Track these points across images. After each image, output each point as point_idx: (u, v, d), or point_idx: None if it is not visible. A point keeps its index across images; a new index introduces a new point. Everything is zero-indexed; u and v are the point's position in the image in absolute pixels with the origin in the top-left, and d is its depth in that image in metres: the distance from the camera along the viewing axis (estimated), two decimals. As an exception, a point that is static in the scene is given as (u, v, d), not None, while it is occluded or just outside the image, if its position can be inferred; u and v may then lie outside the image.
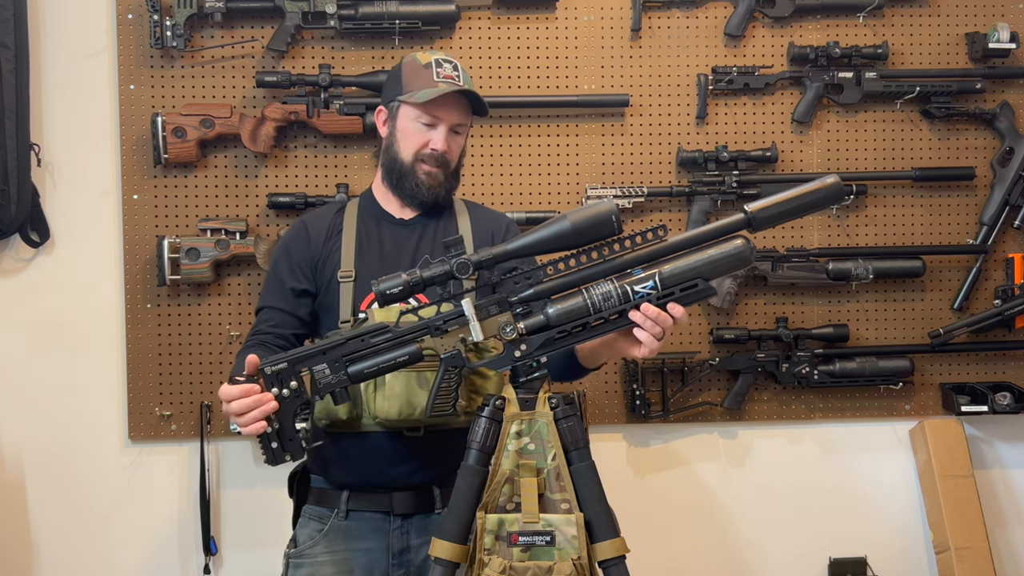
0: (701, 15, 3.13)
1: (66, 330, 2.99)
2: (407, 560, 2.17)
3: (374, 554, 2.16)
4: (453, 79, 2.20)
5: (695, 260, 1.81)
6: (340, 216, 2.27)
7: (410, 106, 2.20)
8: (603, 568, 1.81)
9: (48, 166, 2.96)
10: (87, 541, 3.01)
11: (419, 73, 2.20)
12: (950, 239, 3.22)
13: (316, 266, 2.22)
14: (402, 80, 2.22)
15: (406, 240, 2.24)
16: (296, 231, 2.29)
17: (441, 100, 2.18)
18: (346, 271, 2.17)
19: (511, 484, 1.81)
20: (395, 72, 2.26)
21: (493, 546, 1.79)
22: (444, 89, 2.17)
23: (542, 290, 1.84)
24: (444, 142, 2.21)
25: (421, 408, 2.08)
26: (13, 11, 2.84)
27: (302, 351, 1.85)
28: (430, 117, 2.20)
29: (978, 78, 3.15)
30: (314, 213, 2.36)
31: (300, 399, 1.84)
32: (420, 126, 2.21)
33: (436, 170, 2.22)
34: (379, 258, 2.20)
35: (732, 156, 3.07)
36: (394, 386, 2.05)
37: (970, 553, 3.06)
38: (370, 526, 2.17)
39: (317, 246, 2.23)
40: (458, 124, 2.24)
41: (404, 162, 2.22)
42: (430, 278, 1.81)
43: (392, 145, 2.25)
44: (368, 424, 2.10)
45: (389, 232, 2.25)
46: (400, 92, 2.21)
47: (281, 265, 2.25)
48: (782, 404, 3.18)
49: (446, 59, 2.23)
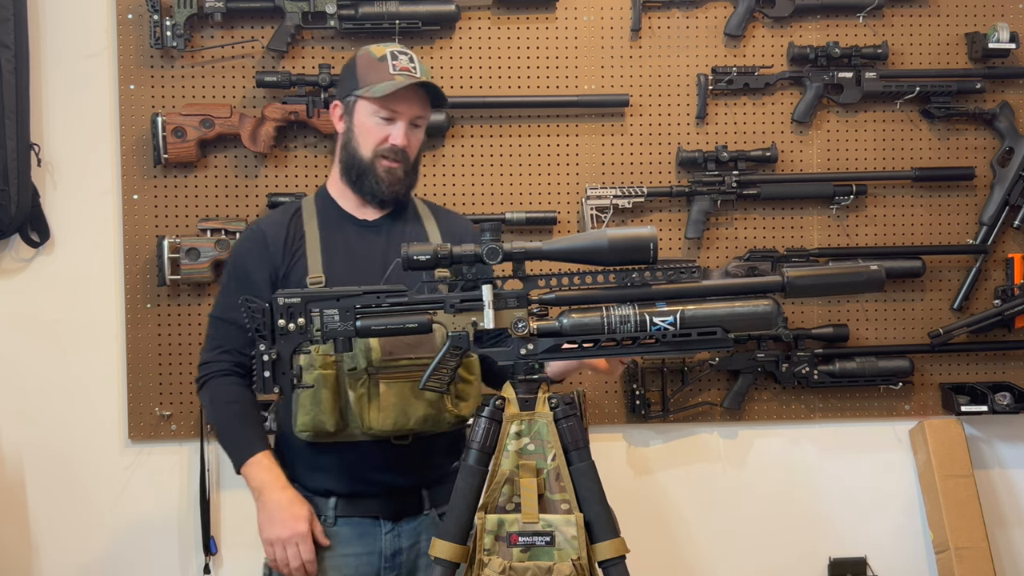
0: (701, 15, 3.13)
1: (66, 330, 2.98)
2: (399, 562, 2.17)
3: (365, 558, 2.15)
4: (410, 71, 2.14)
5: (720, 309, 1.81)
6: (298, 219, 2.21)
7: (368, 101, 2.14)
8: (603, 568, 1.81)
9: (48, 166, 2.96)
10: (87, 541, 3.01)
11: (375, 66, 2.14)
12: (950, 239, 3.22)
13: (279, 274, 2.15)
14: (357, 74, 2.16)
15: (374, 243, 2.19)
16: (253, 239, 2.21)
17: (400, 93, 2.12)
18: (315, 276, 2.11)
19: (511, 484, 1.81)
20: (349, 66, 2.20)
21: (493, 546, 1.79)
22: (402, 82, 2.12)
23: (564, 298, 1.83)
24: (404, 136, 2.16)
25: (416, 418, 2.08)
26: (13, 11, 2.84)
27: (317, 292, 1.85)
28: (388, 111, 2.14)
29: (978, 78, 3.15)
30: (268, 219, 2.28)
31: (304, 336, 1.83)
32: (378, 121, 2.15)
33: (396, 165, 2.16)
34: (349, 262, 2.15)
35: (732, 156, 3.07)
36: (388, 396, 2.04)
37: (970, 553, 3.06)
38: (359, 531, 2.15)
39: (278, 253, 2.16)
40: (417, 117, 2.18)
41: (364, 158, 2.17)
42: (459, 255, 1.81)
43: (350, 141, 2.19)
44: (356, 435, 2.08)
45: (355, 234, 2.20)
46: (356, 87, 2.16)
47: (241, 275, 2.18)
48: (782, 404, 3.18)
49: (401, 51, 2.17)
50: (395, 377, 2.06)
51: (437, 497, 2.20)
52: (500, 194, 3.08)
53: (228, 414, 2.17)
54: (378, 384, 2.05)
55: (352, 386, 2.05)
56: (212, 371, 2.18)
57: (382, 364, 2.05)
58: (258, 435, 2.17)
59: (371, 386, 2.05)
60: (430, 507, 2.19)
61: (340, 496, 2.15)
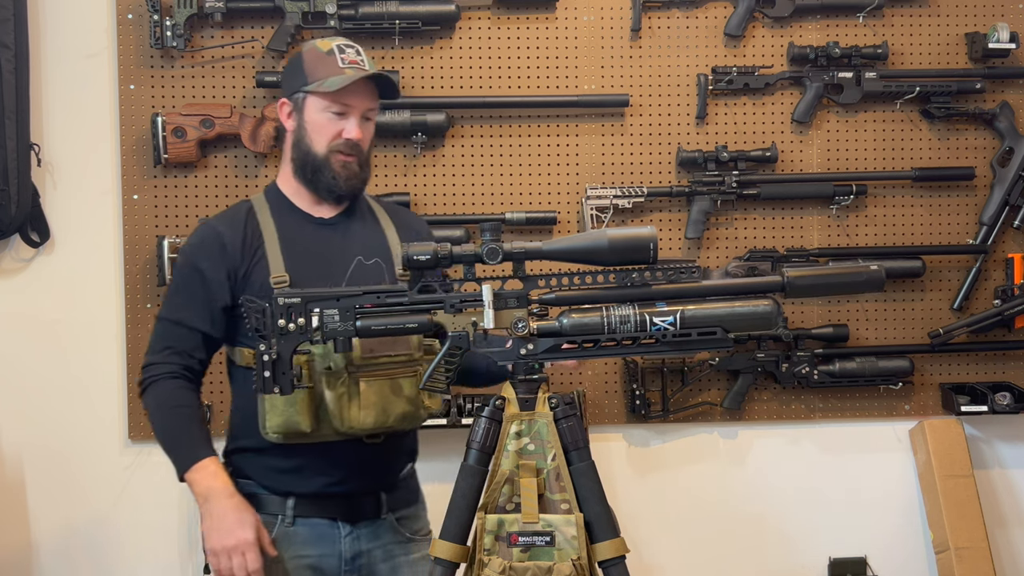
0: (701, 15, 3.13)
1: (66, 330, 2.98)
2: (359, 565, 2.15)
3: (324, 560, 2.13)
4: (358, 63, 2.11)
5: (720, 309, 1.80)
6: (252, 218, 2.15)
7: (318, 96, 2.10)
8: (603, 568, 1.81)
9: (48, 166, 2.96)
10: (87, 541, 3.01)
11: (323, 61, 2.10)
12: (950, 239, 3.22)
13: (239, 275, 2.10)
14: (305, 69, 2.12)
15: (333, 241, 2.16)
16: (207, 240, 2.14)
17: (350, 87, 2.08)
18: (279, 276, 2.06)
19: (511, 484, 1.81)
20: (295, 62, 2.16)
21: (493, 546, 1.79)
22: (353, 76, 2.08)
23: (564, 298, 1.83)
24: (358, 130, 2.12)
25: (395, 415, 2.07)
26: (13, 11, 2.84)
27: (318, 292, 1.84)
28: (341, 106, 2.10)
29: (978, 78, 3.15)
30: (221, 218, 2.20)
31: (304, 336, 1.83)
32: (331, 116, 2.11)
33: (351, 159, 2.12)
34: (310, 261, 2.11)
35: (732, 156, 3.07)
36: (369, 395, 2.03)
37: (970, 553, 3.06)
38: (318, 532, 2.13)
39: (237, 255, 2.10)
40: (368, 110, 2.15)
41: (318, 155, 2.12)
42: (459, 256, 1.81)
43: (302, 139, 2.14)
44: (328, 435, 2.06)
45: (314, 233, 2.16)
46: (304, 82, 2.11)
47: (195, 277, 2.11)
48: (782, 404, 3.18)
49: (348, 44, 2.14)
50: (375, 375, 2.04)
51: (394, 502, 2.19)
52: (500, 194, 3.08)
53: (173, 418, 2.10)
54: (358, 383, 2.03)
55: (331, 385, 2.02)
56: (158, 373, 2.11)
57: (363, 363, 2.03)
58: (204, 440, 2.10)
59: (351, 385, 2.03)
60: (387, 511, 2.18)
61: (300, 497, 2.11)
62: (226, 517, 2.02)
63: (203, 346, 2.13)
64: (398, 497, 2.21)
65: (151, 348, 2.15)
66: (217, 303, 2.10)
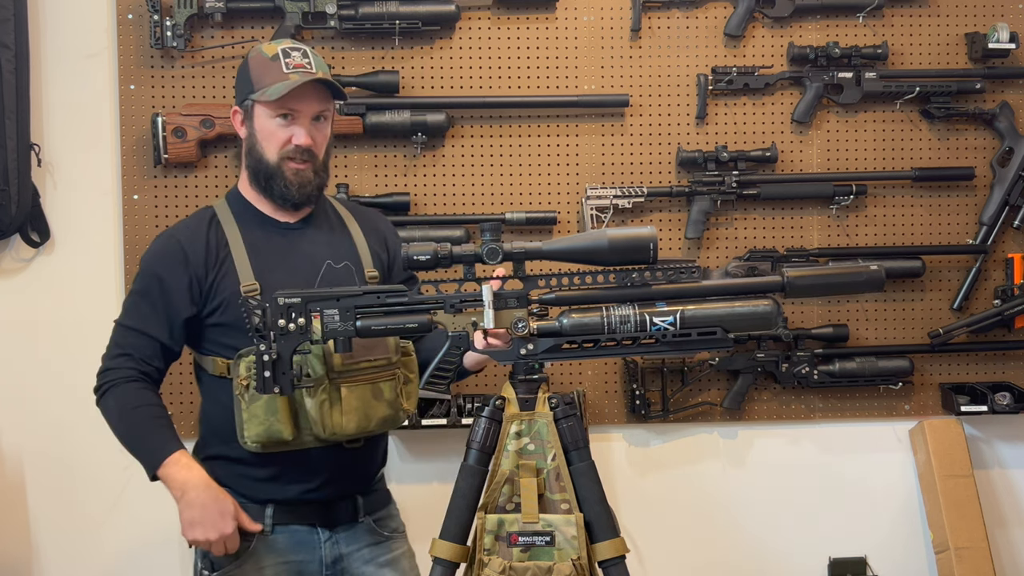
0: (701, 15, 3.13)
1: (66, 330, 2.98)
2: (340, 568, 2.16)
3: (306, 566, 2.13)
4: (304, 67, 2.07)
5: (720, 309, 1.81)
6: (215, 227, 2.12)
7: (264, 104, 2.07)
8: (603, 568, 1.82)
9: (48, 166, 2.96)
10: (87, 541, 3.01)
11: (267, 67, 2.07)
12: (950, 239, 3.22)
13: (204, 288, 2.08)
14: (251, 77, 2.09)
15: (300, 246, 2.14)
16: (168, 251, 2.10)
17: (296, 92, 2.05)
18: (249, 285, 2.04)
19: (511, 484, 1.81)
20: (242, 70, 2.13)
21: (493, 546, 1.79)
22: (296, 81, 2.05)
23: (564, 298, 1.83)
24: (307, 136, 2.08)
25: (377, 419, 2.06)
26: (13, 11, 2.84)
27: (318, 293, 1.84)
28: (287, 110, 2.07)
29: (978, 78, 3.15)
30: (182, 228, 2.16)
31: (304, 337, 1.83)
32: (279, 122, 2.08)
33: (304, 166, 2.09)
34: (280, 267, 2.09)
35: (732, 156, 3.07)
36: (351, 400, 2.02)
37: (970, 553, 3.06)
38: (297, 539, 2.12)
39: (200, 266, 2.07)
40: (319, 112, 2.11)
41: (269, 163, 2.09)
42: (459, 256, 1.81)
43: (254, 147, 2.11)
44: (307, 442, 2.05)
45: (280, 237, 2.14)
46: (251, 90, 2.08)
47: (155, 287, 2.08)
48: (782, 404, 3.18)
49: (294, 47, 2.11)
50: (356, 381, 2.03)
51: (370, 505, 2.20)
52: (500, 194, 3.08)
53: (137, 418, 2.08)
54: (339, 389, 2.01)
55: (310, 393, 2.00)
56: (115, 377, 2.09)
57: (343, 368, 2.01)
58: (172, 435, 2.09)
59: (332, 391, 2.01)
60: (364, 515, 2.19)
61: (278, 504, 2.11)
62: (206, 509, 2.03)
63: (161, 355, 2.11)
64: (373, 499, 2.22)
65: (108, 354, 2.12)
66: (178, 315, 2.08)
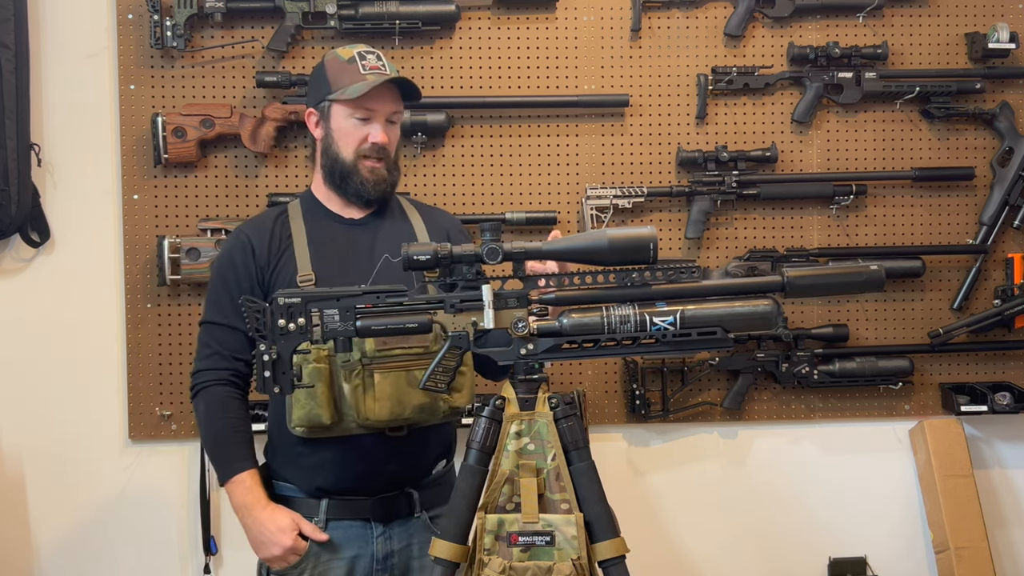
0: (701, 15, 3.13)
1: (66, 330, 2.99)
2: (391, 564, 2.18)
3: (358, 561, 2.16)
4: (379, 69, 2.19)
5: (720, 309, 1.81)
6: (283, 221, 2.24)
7: (342, 104, 2.19)
8: (603, 568, 1.82)
9: (48, 166, 2.96)
10: (87, 541, 3.01)
11: (344, 69, 2.19)
12: (950, 239, 3.22)
13: (266, 276, 2.18)
14: (328, 78, 2.20)
15: (361, 240, 2.22)
16: (237, 243, 2.22)
17: (373, 92, 2.17)
18: (305, 275, 2.13)
19: (511, 484, 1.81)
20: (319, 72, 2.24)
21: (493, 546, 1.79)
22: (374, 81, 2.16)
23: (564, 298, 1.84)
24: (383, 134, 2.20)
25: (412, 407, 2.09)
26: (13, 11, 2.84)
27: (318, 292, 1.86)
28: (365, 111, 2.19)
29: (978, 78, 3.15)
30: (252, 223, 2.29)
31: (304, 336, 1.84)
32: (356, 122, 2.19)
33: (379, 164, 2.21)
34: (337, 259, 2.18)
35: (732, 156, 3.07)
36: (384, 387, 2.05)
37: (970, 553, 3.06)
38: (351, 534, 2.16)
39: (264, 256, 2.19)
40: (393, 113, 2.23)
41: (346, 161, 2.20)
42: (459, 256, 1.81)
43: (330, 146, 2.22)
44: (351, 428, 2.09)
45: (343, 233, 2.23)
46: (329, 91, 2.20)
47: (229, 280, 2.19)
48: (782, 404, 3.18)
49: (368, 50, 2.22)
50: (389, 367, 2.07)
51: (427, 500, 2.21)
52: (500, 194, 3.08)
53: (219, 428, 2.18)
54: (373, 375, 2.06)
55: (347, 378, 2.06)
56: (208, 379, 2.19)
57: (376, 355, 2.06)
58: (246, 452, 2.18)
59: (366, 377, 2.06)
60: (421, 510, 2.20)
61: (332, 496, 2.16)
62: (265, 530, 2.12)
63: (247, 347, 2.17)
64: (431, 495, 2.21)
65: (199, 355, 2.23)
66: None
